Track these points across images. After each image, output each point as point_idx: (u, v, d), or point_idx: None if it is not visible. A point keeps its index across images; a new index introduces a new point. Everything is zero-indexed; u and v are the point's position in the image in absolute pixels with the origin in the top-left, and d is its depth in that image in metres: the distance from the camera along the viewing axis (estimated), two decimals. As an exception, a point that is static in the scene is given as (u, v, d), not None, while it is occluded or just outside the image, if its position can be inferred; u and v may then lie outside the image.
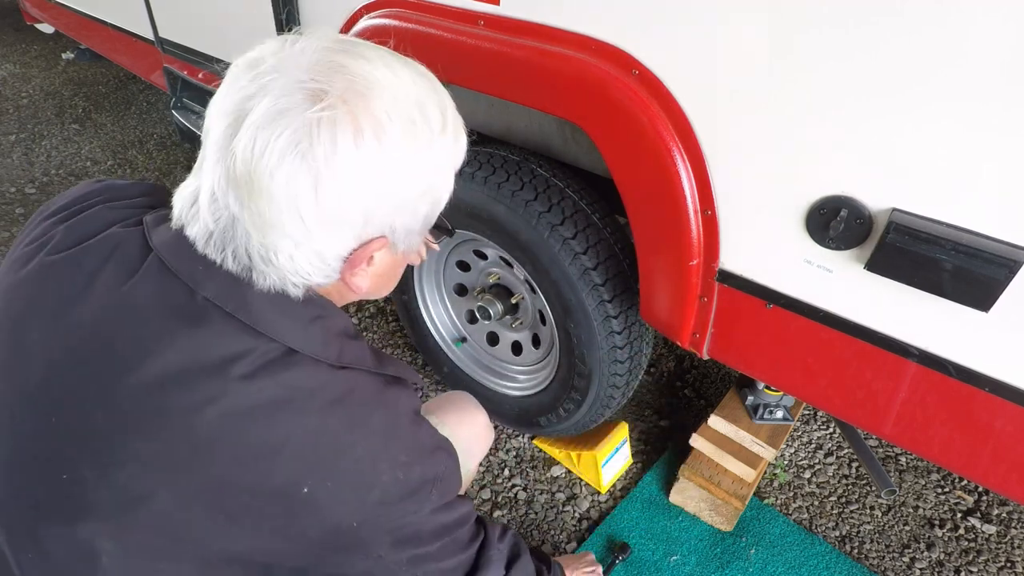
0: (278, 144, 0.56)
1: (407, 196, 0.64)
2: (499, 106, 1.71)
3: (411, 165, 0.63)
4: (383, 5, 1.28)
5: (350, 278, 0.67)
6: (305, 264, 0.62)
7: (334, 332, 0.69)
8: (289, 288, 0.64)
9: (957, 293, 0.80)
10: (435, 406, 1.17)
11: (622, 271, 1.34)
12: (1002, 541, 1.63)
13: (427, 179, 0.65)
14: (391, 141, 0.60)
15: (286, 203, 0.58)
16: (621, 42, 0.98)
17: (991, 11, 0.68)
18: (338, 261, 0.65)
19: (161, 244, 0.65)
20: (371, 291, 0.74)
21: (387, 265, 0.71)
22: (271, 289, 0.64)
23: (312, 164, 0.57)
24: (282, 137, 0.56)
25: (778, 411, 1.57)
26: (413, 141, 0.62)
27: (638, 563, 1.53)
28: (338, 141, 0.57)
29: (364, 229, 0.63)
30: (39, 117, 3.73)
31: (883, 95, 0.78)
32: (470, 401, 1.22)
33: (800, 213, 0.91)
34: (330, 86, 0.58)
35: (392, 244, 0.67)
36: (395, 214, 0.64)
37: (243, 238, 0.61)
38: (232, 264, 0.63)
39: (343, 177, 0.58)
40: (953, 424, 0.91)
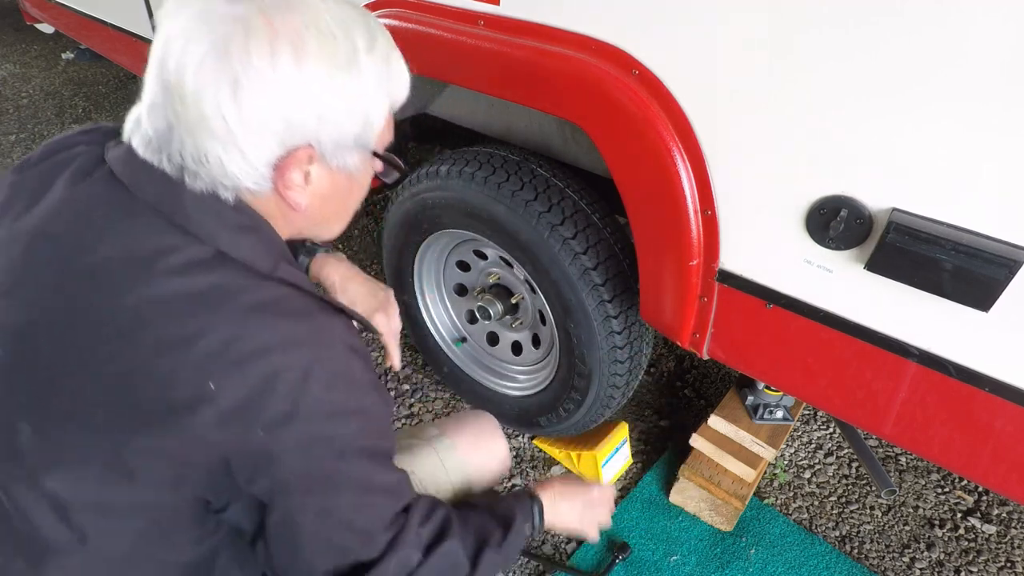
0: (199, 50, 0.61)
1: (327, 110, 0.67)
2: (499, 106, 1.71)
3: (329, 80, 0.65)
4: (383, 5, 1.28)
5: (284, 191, 0.69)
6: (233, 167, 0.66)
7: (269, 246, 0.71)
8: (220, 191, 0.67)
9: (957, 293, 0.80)
10: (452, 426, 1.12)
11: (622, 271, 1.34)
12: (1002, 541, 1.63)
13: (350, 95, 0.68)
14: (308, 53, 0.64)
15: (210, 107, 0.62)
16: (621, 42, 0.98)
17: (991, 11, 0.68)
18: (266, 167, 0.67)
19: (112, 156, 0.71)
20: (315, 215, 0.75)
21: (327, 186, 0.73)
22: (203, 191, 0.67)
23: (230, 69, 0.61)
24: (203, 43, 0.61)
25: (778, 411, 1.57)
26: (332, 57, 0.65)
27: (638, 563, 1.53)
28: (252, 49, 0.61)
29: (288, 136, 0.66)
30: (39, 117, 3.73)
31: (883, 95, 0.78)
32: (490, 425, 1.14)
33: (800, 213, 0.91)
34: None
35: (322, 157, 0.69)
36: (318, 126, 0.67)
37: (178, 143, 0.65)
38: (168, 166, 0.66)
39: (260, 83, 0.62)
40: (953, 424, 0.91)
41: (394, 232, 1.68)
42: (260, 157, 0.66)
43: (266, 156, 0.66)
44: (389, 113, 0.75)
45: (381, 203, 2.90)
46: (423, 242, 1.66)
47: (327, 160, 0.70)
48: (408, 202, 1.57)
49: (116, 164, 0.70)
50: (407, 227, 1.63)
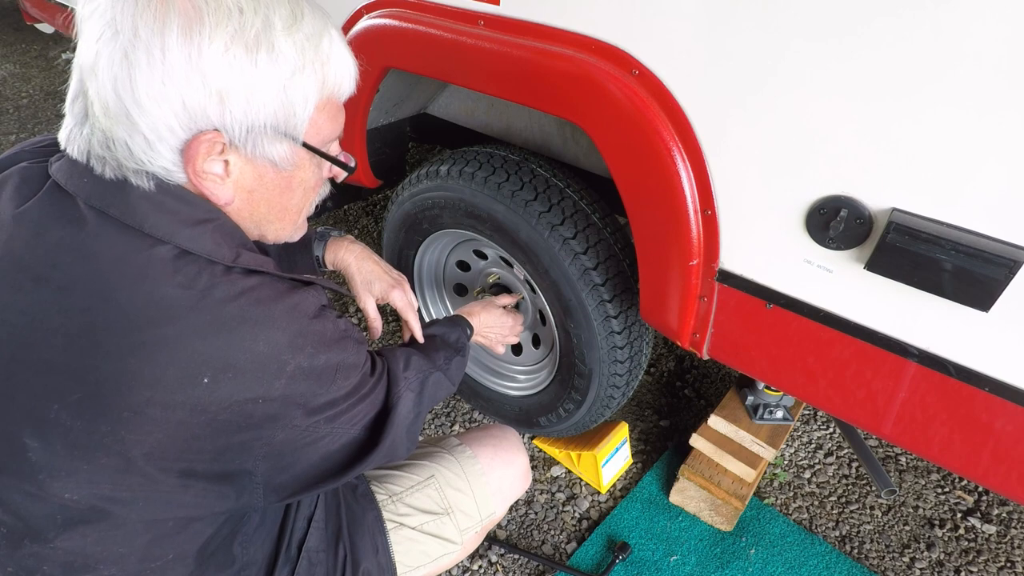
0: (98, 27, 0.60)
1: (228, 89, 0.63)
2: (499, 106, 1.71)
3: (228, 58, 0.62)
4: (383, 5, 1.28)
5: (199, 180, 0.67)
6: (139, 151, 0.63)
7: (227, 237, 0.69)
8: (130, 177, 0.65)
9: (957, 293, 0.80)
10: (473, 438, 1.15)
11: (622, 271, 1.34)
12: (1002, 541, 1.63)
13: (257, 76, 0.64)
14: (203, 26, 0.61)
15: (107, 87, 0.61)
16: (621, 42, 0.98)
17: (991, 12, 0.68)
18: (170, 152, 0.64)
19: (56, 168, 0.69)
20: (251, 211, 0.73)
21: (250, 177, 0.70)
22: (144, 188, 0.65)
23: (120, 45, 0.60)
24: (102, 20, 0.60)
25: (778, 411, 1.57)
26: (233, 34, 0.62)
27: (638, 563, 1.53)
28: (140, 23, 0.59)
29: (188, 118, 0.63)
30: (39, 117, 3.73)
31: (883, 95, 0.78)
32: (512, 440, 1.18)
33: (800, 213, 0.91)
34: None
35: (232, 144, 0.66)
36: (221, 107, 0.63)
37: (89, 130, 0.64)
38: (86, 159, 0.65)
39: (148, 60, 0.60)
40: (953, 424, 0.91)
41: (394, 232, 1.68)
42: (162, 140, 0.63)
43: (168, 139, 0.63)
44: (326, 101, 0.71)
45: (381, 203, 2.90)
46: (423, 242, 1.66)
47: (241, 148, 0.67)
48: (408, 202, 1.57)
49: (58, 174, 0.68)
50: (407, 227, 1.63)
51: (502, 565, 1.52)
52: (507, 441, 1.16)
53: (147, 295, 0.63)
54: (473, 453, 1.10)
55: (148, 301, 0.63)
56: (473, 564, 1.52)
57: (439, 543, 1.04)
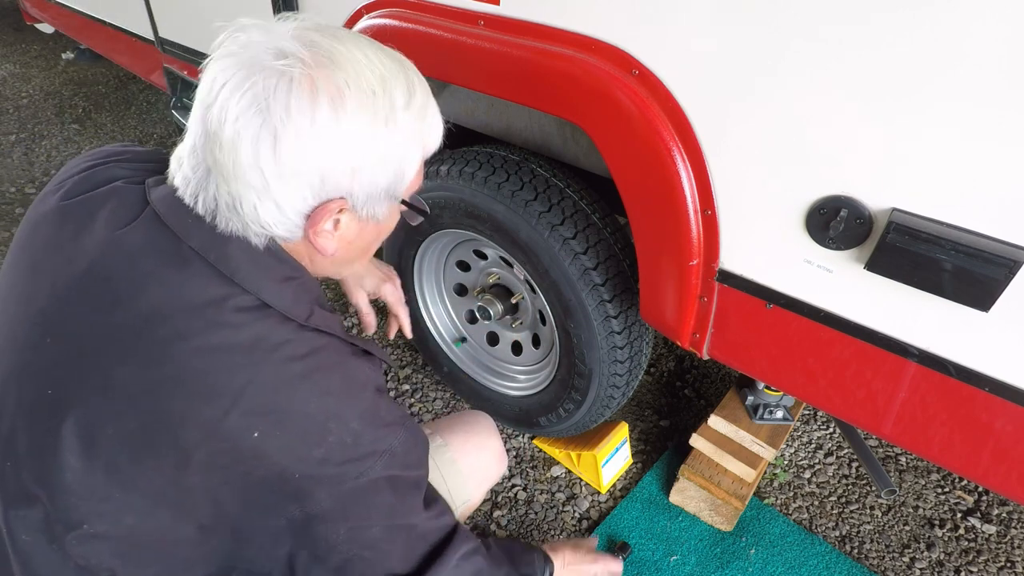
0: (243, 102, 0.63)
1: (363, 164, 0.68)
2: (499, 106, 1.71)
3: (367, 135, 0.67)
4: (383, 5, 1.28)
5: (314, 237, 0.71)
6: (266, 215, 0.67)
7: (306, 295, 0.74)
8: (251, 237, 0.69)
9: (957, 293, 0.80)
10: (444, 425, 1.14)
11: (622, 271, 1.34)
12: (1002, 541, 1.63)
13: (384, 150, 0.69)
14: (347, 109, 0.65)
15: (247, 157, 0.64)
16: (621, 42, 0.98)
17: (991, 12, 0.68)
18: (298, 216, 0.69)
19: (157, 199, 0.72)
20: (341, 257, 0.77)
21: (354, 231, 0.75)
22: (239, 237, 0.69)
23: (269, 122, 0.63)
24: (246, 96, 0.63)
25: (778, 411, 1.57)
26: (372, 113, 0.66)
27: (638, 563, 1.53)
28: (292, 103, 0.63)
29: (322, 188, 0.67)
30: (39, 117, 3.73)
31: (883, 95, 0.78)
32: (483, 424, 1.18)
33: (800, 213, 0.91)
34: (296, 52, 0.64)
35: (353, 208, 0.71)
36: (352, 179, 0.68)
37: (213, 187, 0.67)
38: (201, 208, 0.68)
39: (297, 138, 0.63)
40: (953, 424, 0.91)
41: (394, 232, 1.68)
42: (294, 208, 0.68)
43: (299, 207, 0.68)
44: (421, 162, 0.76)
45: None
46: (423, 242, 1.66)
47: (358, 211, 0.72)
48: (408, 202, 1.57)
49: (160, 206, 0.71)
50: (407, 227, 1.63)
51: (502, 565, 1.52)
52: (478, 425, 1.17)
53: (222, 341, 0.66)
54: (444, 441, 1.10)
55: (222, 347, 0.66)
56: (473, 564, 1.52)
57: None
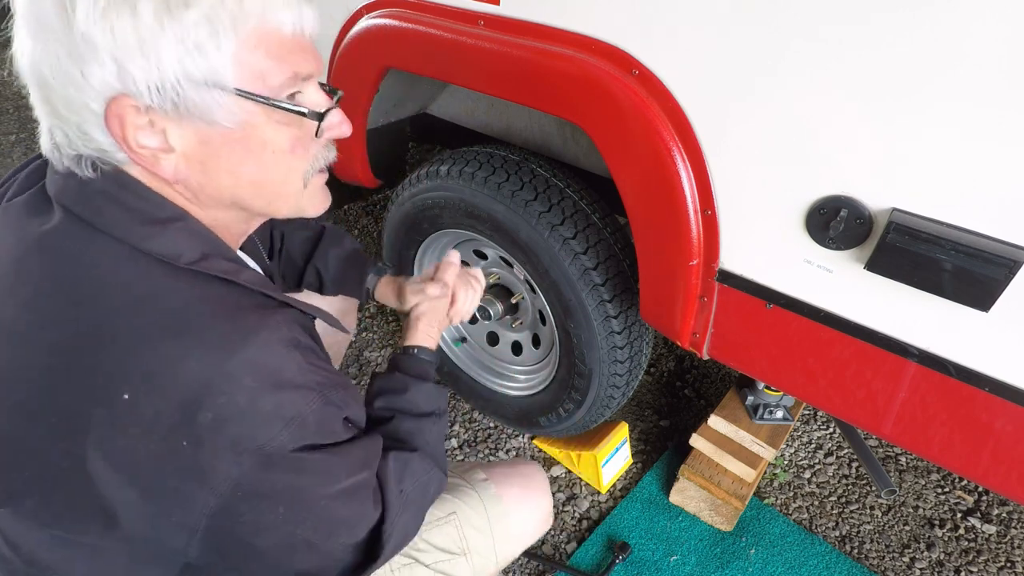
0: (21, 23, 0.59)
1: (112, 47, 0.56)
2: (499, 106, 1.71)
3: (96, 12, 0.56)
4: (383, 5, 1.28)
5: (138, 158, 0.61)
6: (74, 137, 0.61)
7: (193, 238, 0.65)
8: (71, 165, 0.63)
9: (957, 293, 0.80)
10: (499, 473, 1.06)
11: (622, 271, 1.34)
12: (1002, 541, 1.63)
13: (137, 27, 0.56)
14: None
15: (33, 76, 0.60)
16: (621, 42, 0.98)
17: (991, 12, 0.68)
18: (94, 128, 0.60)
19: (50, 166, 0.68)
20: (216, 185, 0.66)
21: (194, 143, 0.62)
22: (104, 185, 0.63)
23: (31, 30, 0.58)
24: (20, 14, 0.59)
25: (778, 411, 1.57)
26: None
27: (638, 563, 1.53)
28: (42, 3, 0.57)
29: (93, 91, 0.58)
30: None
31: (883, 95, 0.78)
32: (538, 482, 1.10)
33: (800, 213, 0.91)
34: None
35: (152, 108, 0.59)
36: (116, 68, 0.57)
37: (47, 125, 0.63)
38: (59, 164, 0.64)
39: (48, 36, 0.57)
40: (953, 424, 0.91)
41: (394, 232, 1.68)
42: (85, 120, 0.60)
43: (89, 118, 0.60)
44: (253, 35, 0.60)
45: (381, 203, 2.90)
46: (423, 242, 1.66)
47: (164, 111, 0.59)
48: (408, 202, 1.57)
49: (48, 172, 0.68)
50: (407, 227, 1.63)
51: (502, 565, 1.52)
52: (534, 481, 1.09)
53: (89, 298, 0.60)
54: (498, 492, 1.03)
55: (89, 305, 0.60)
56: (473, 564, 1.52)
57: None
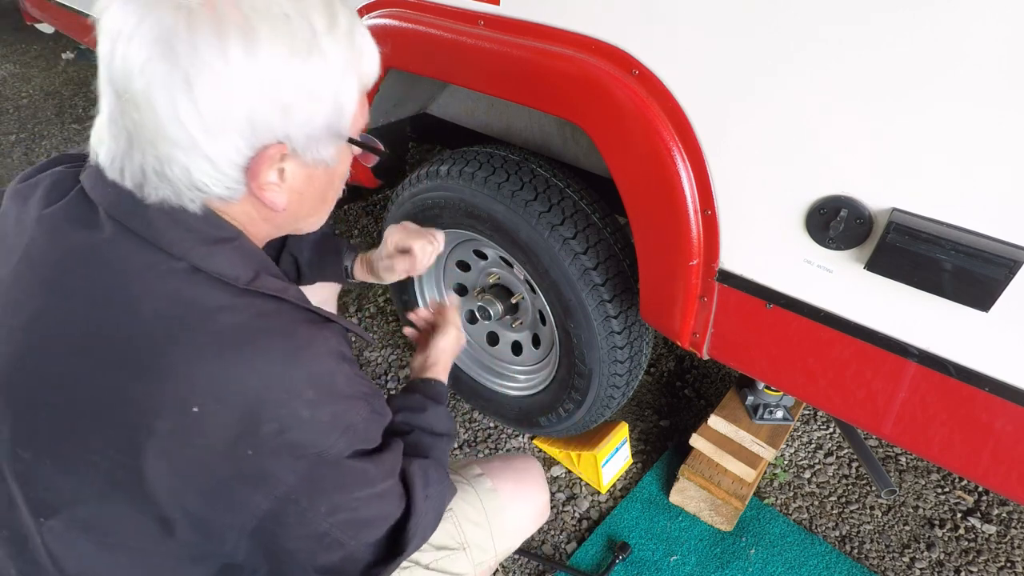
0: (144, 48, 0.56)
1: (292, 101, 0.61)
2: (499, 106, 1.71)
3: (288, 67, 0.60)
4: (383, 5, 1.28)
5: (260, 192, 0.65)
6: (200, 174, 0.61)
7: (246, 257, 0.67)
8: (186, 203, 0.63)
9: (957, 293, 0.80)
10: (495, 469, 1.09)
11: (622, 271, 1.34)
12: (1002, 541, 1.63)
13: (314, 83, 0.62)
14: (260, 40, 0.58)
15: (165, 110, 0.57)
16: (621, 42, 0.98)
17: (991, 11, 0.68)
18: (236, 170, 0.62)
19: (85, 175, 0.67)
20: (296, 211, 0.71)
21: (303, 179, 0.68)
22: (167, 204, 0.63)
23: (178, 66, 0.56)
24: (146, 40, 0.56)
25: (778, 411, 1.57)
26: (287, 41, 0.59)
27: (638, 563, 1.53)
28: (198, 40, 0.56)
29: (254, 135, 0.61)
30: (39, 117, 3.73)
31: (883, 95, 0.78)
32: (534, 474, 1.12)
33: (800, 213, 0.91)
34: None
35: (294, 152, 0.64)
36: (285, 120, 0.61)
37: (139, 155, 0.61)
38: (128, 183, 0.62)
39: (214, 79, 0.57)
40: (953, 424, 0.91)
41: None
42: (229, 161, 0.61)
43: (234, 159, 0.61)
44: (361, 94, 0.69)
45: (381, 203, 2.90)
46: (423, 242, 1.66)
47: (301, 155, 0.65)
48: (408, 202, 1.57)
49: (87, 181, 0.66)
50: (407, 227, 1.63)
51: (502, 565, 1.52)
52: (530, 475, 1.11)
53: (149, 312, 0.61)
54: (494, 486, 1.04)
55: (149, 319, 0.61)
56: (473, 564, 1.52)
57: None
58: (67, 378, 0.63)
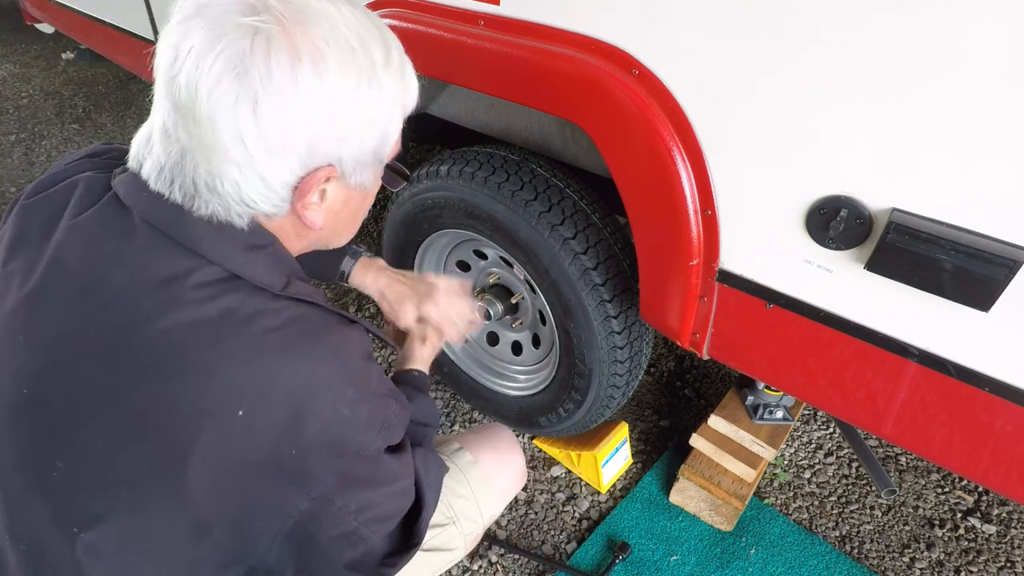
0: (215, 68, 0.57)
1: (350, 127, 0.64)
2: (499, 106, 1.71)
3: (353, 96, 0.63)
4: (383, 5, 1.28)
5: (303, 211, 0.67)
6: (251, 191, 0.63)
7: (280, 264, 0.69)
8: (234, 219, 0.64)
9: (957, 293, 0.80)
10: (471, 440, 1.13)
11: (622, 271, 1.34)
12: (1002, 541, 1.63)
13: (371, 112, 0.65)
14: (330, 69, 0.60)
15: (226, 127, 0.58)
16: (621, 42, 0.98)
17: (991, 11, 0.68)
18: (286, 189, 0.64)
19: (119, 181, 0.67)
20: (328, 230, 0.74)
21: (340, 201, 0.71)
22: (215, 219, 0.64)
23: (249, 87, 0.57)
24: (219, 60, 0.57)
25: (778, 411, 1.57)
26: (354, 71, 0.62)
27: (638, 563, 1.53)
28: (273, 64, 0.57)
29: (310, 157, 0.63)
30: (39, 117, 3.73)
31: (883, 95, 0.78)
32: (508, 441, 1.17)
33: (800, 213, 0.91)
34: (269, 6, 0.59)
35: (342, 176, 0.67)
36: (340, 144, 0.64)
37: (191, 167, 0.62)
38: (178, 195, 0.63)
39: (281, 102, 0.58)
40: (953, 424, 0.91)
41: (394, 232, 1.68)
42: (281, 180, 0.63)
43: (287, 179, 0.64)
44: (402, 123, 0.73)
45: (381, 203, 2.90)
46: (423, 242, 1.66)
47: (346, 178, 0.68)
48: (408, 202, 1.57)
49: (121, 187, 0.67)
50: (407, 227, 1.63)
51: (502, 565, 1.52)
52: (504, 441, 1.16)
53: (189, 319, 0.62)
54: (474, 457, 1.09)
55: (190, 324, 0.62)
56: (473, 564, 1.52)
57: (444, 553, 1.03)
58: (106, 389, 0.63)
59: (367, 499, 0.72)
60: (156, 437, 0.63)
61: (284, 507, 0.67)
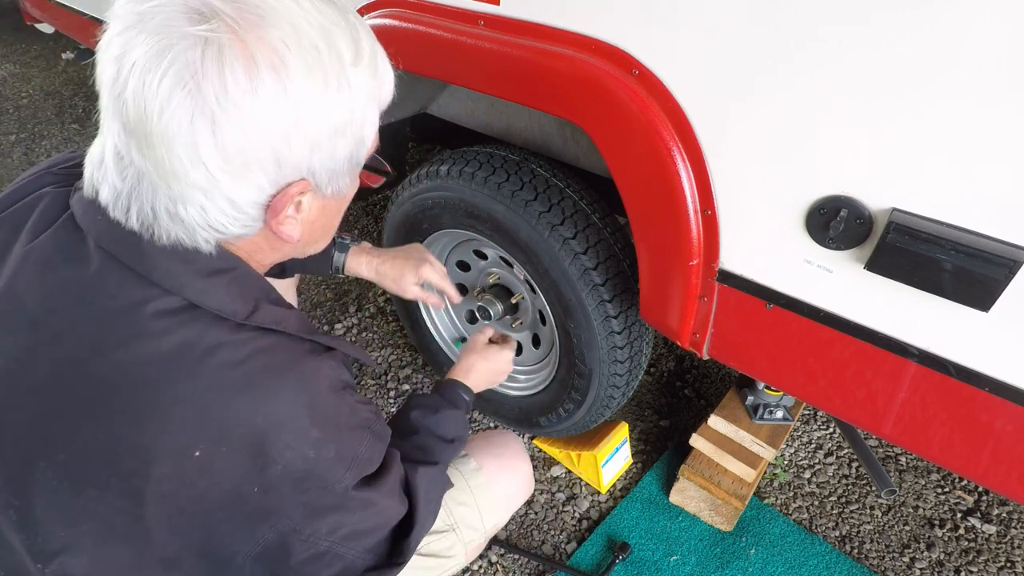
0: (164, 85, 0.51)
1: (321, 136, 0.58)
2: (499, 106, 1.71)
3: (320, 101, 0.56)
4: (383, 5, 1.28)
5: (278, 227, 0.62)
6: (218, 215, 0.58)
7: (245, 288, 0.64)
8: (200, 244, 0.60)
9: (957, 293, 0.80)
10: (477, 446, 1.10)
11: (622, 271, 1.34)
12: (1002, 541, 1.63)
13: (342, 116, 0.59)
14: (292, 75, 0.54)
15: (184, 150, 0.53)
16: (621, 42, 0.98)
17: (991, 11, 0.68)
18: (256, 209, 0.59)
19: (76, 200, 0.63)
20: (305, 240, 0.69)
21: (317, 210, 0.66)
22: (180, 246, 0.59)
23: (204, 104, 0.52)
24: (167, 76, 0.51)
25: (778, 411, 1.57)
26: (320, 74, 0.56)
27: (638, 563, 1.53)
28: (227, 76, 0.51)
29: (279, 173, 0.58)
30: (39, 117, 3.73)
31: (883, 95, 0.78)
32: (515, 448, 1.14)
33: (800, 213, 0.91)
34: (219, 10, 0.52)
35: (316, 187, 0.62)
36: (311, 154, 0.58)
37: (149, 193, 0.56)
38: (135, 223, 0.58)
39: (240, 118, 0.53)
40: (953, 424, 0.91)
41: (394, 232, 1.68)
42: (249, 201, 0.58)
43: (255, 198, 0.58)
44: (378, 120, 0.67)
45: (381, 203, 2.90)
46: (423, 242, 1.66)
47: (322, 189, 0.63)
48: (408, 202, 1.57)
49: (78, 208, 0.62)
50: (407, 227, 1.63)
51: (502, 565, 1.52)
52: (510, 449, 1.13)
53: (144, 353, 0.58)
54: (477, 464, 1.06)
55: (144, 360, 0.58)
56: (473, 564, 1.52)
57: (442, 560, 1.00)
58: (58, 425, 0.60)
59: (337, 521, 0.69)
60: (110, 479, 0.60)
61: (251, 537, 0.65)
